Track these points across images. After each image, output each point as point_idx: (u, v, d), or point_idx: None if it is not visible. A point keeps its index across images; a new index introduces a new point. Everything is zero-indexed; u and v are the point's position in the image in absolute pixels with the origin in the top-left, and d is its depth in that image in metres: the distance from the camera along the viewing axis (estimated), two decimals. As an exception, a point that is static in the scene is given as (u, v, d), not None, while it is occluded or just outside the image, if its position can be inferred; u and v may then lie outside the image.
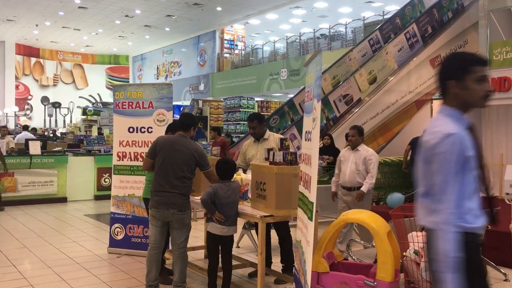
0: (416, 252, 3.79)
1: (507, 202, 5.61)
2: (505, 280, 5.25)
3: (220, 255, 4.53)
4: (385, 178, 9.12)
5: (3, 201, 9.76)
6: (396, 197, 7.72)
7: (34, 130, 16.67)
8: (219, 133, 10.51)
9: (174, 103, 9.05)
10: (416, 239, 3.84)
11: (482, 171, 2.28)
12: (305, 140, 3.89)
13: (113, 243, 6.36)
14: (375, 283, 3.79)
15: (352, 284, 3.87)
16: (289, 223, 5.18)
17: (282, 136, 5.10)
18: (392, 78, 10.42)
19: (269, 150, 4.51)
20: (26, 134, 13.73)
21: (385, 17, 15.25)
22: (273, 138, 5.31)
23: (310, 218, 3.38)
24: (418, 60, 10.69)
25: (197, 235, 7.37)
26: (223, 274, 4.48)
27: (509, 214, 5.63)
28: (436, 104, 11.24)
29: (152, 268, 4.51)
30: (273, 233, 5.33)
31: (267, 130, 5.43)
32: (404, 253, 3.85)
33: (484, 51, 9.86)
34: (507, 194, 5.72)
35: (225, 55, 24.61)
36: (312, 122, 3.56)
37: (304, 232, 3.60)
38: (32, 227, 7.93)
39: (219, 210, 4.37)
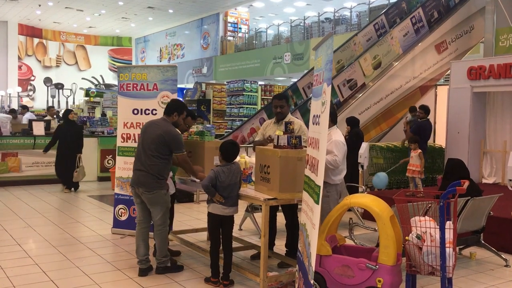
0: (418, 237, 3.81)
1: (510, 188, 5.63)
2: (506, 266, 5.30)
3: (221, 236, 4.59)
4: (388, 164, 9.15)
5: (6, 181, 9.84)
6: (381, 177, 7.77)
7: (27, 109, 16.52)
8: None
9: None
10: (419, 224, 3.86)
11: None
12: (313, 124, 3.89)
13: (117, 223, 6.41)
14: (377, 266, 3.83)
15: (354, 267, 3.91)
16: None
17: (291, 120, 5.09)
18: (396, 63, 10.36)
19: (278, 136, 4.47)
20: (31, 115, 13.76)
21: (391, 1, 15.09)
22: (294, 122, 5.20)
23: (316, 202, 3.40)
24: (423, 45, 10.62)
25: (200, 217, 7.42)
26: (224, 254, 4.55)
27: (511, 200, 5.65)
28: (441, 90, 11.21)
29: (139, 244, 4.82)
30: (279, 216, 5.36)
31: (290, 113, 5.41)
32: (407, 238, 3.87)
33: (490, 37, 9.80)
34: (510, 180, 5.74)
35: (229, 38, 24.45)
36: (321, 106, 3.56)
37: (310, 215, 3.62)
38: (36, 207, 7.99)
39: (221, 192, 4.42)
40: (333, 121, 4.80)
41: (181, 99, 16.27)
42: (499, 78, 8.50)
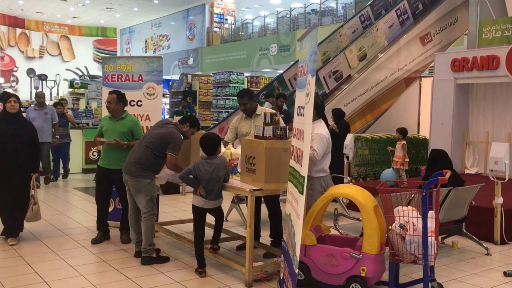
0: (401, 226, 3.87)
1: (491, 178, 5.72)
2: (487, 254, 5.40)
3: (209, 226, 4.70)
4: (373, 155, 9.24)
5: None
6: (387, 173, 7.83)
7: None
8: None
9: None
10: (402, 213, 3.92)
11: None
12: (298, 115, 3.91)
13: (102, 215, 6.36)
14: (361, 255, 3.88)
15: (338, 256, 3.97)
16: (280, 197, 5.23)
17: (273, 111, 5.11)
18: (382, 55, 10.42)
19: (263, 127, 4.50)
20: None
21: (376, -7, 15.14)
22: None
23: (301, 192, 3.43)
24: (408, 37, 10.69)
25: (186, 208, 7.43)
26: (215, 225, 4.80)
27: (492, 190, 5.76)
28: (425, 81, 11.31)
29: (131, 230, 5.15)
30: (263, 207, 5.39)
31: (258, 105, 5.42)
32: (390, 227, 3.93)
33: (474, 30, 9.89)
34: (491, 170, 5.83)
35: (215, 29, 24.32)
36: (305, 97, 3.59)
37: (295, 206, 3.66)
38: (20, 200, 7.90)
39: (202, 185, 4.49)
40: (318, 114, 4.68)
41: (166, 90, 16.20)
42: (482, 70, 8.60)
